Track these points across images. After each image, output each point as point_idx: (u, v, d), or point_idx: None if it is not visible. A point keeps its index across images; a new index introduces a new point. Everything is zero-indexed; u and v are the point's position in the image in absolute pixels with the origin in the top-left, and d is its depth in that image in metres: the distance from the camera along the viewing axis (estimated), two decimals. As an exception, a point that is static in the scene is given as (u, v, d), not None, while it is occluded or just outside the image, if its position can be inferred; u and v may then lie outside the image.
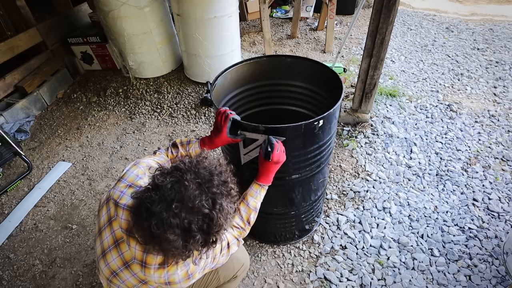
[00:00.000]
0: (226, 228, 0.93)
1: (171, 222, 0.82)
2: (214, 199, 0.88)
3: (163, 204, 0.84)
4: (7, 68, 3.08)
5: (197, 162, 0.93)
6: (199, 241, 0.87)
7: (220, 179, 0.92)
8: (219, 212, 0.88)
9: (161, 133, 2.91)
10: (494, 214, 2.07)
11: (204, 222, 0.86)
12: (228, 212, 0.91)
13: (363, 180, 2.34)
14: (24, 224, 2.23)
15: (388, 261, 1.86)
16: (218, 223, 0.88)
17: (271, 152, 1.19)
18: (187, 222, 0.84)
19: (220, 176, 0.93)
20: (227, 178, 0.95)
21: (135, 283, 1.04)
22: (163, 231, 0.83)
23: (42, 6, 4.05)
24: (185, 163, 0.92)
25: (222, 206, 0.89)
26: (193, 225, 0.84)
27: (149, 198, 0.86)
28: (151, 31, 3.21)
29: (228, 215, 0.92)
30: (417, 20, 4.91)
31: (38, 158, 2.77)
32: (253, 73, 1.72)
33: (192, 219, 0.84)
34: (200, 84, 3.40)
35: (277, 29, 4.68)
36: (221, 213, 0.88)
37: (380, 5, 2.10)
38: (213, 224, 0.87)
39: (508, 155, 2.47)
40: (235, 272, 1.37)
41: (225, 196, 0.92)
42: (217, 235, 0.91)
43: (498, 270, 1.78)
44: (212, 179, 0.90)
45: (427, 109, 2.98)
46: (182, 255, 0.89)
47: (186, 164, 0.92)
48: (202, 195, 0.86)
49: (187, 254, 0.89)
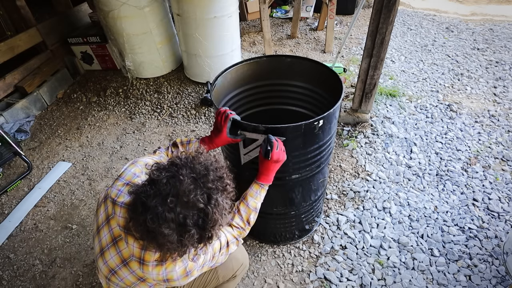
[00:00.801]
0: (222, 224, 0.93)
1: (166, 216, 0.83)
2: (210, 194, 0.88)
3: (158, 198, 0.84)
4: (7, 68, 3.08)
5: (193, 158, 0.94)
6: (194, 236, 0.87)
7: (216, 175, 0.92)
8: (214, 207, 0.88)
9: (161, 133, 2.91)
10: (494, 214, 2.07)
11: (199, 217, 0.87)
12: (223, 208, 0.91)
13: (363, 180, 2.34)
14: (24, 224, 2.23)
15: (388, 261, 1.86)
16: (213, 218, 0.88)
17: (271, 151, 1.19)
18: (182, 217, 0.84)
19: (216, 171, 0.93)
20: (223, 174, 0.95)
21: (134, 281, 1.05)
22: (158, 225, 0.83)
23: (42, 6, 4.05)
24: (181, 159, 0.93)
25: (217, 201, 0.89)
26: (188, 219, 0.84)
27: (145, 193, 0.86)
28: (151, 31, 3.21)
29: (223, 210, 0.92)
30: (417, 20, 4.91)
31: (38, 158, 2.77)
32: (253, 73, 1.72)
33: (187, 213, 0.85)
34: (200, 84, 3.40)
35: (277, 29, 4.68)
36: (216, 208, 0.88)
37: (380, 5, 2.10)
38: (208, 219, 0.87)
39: (508, 155, 2.47)
40: (234, 271, 1.37)
41: (221, 191, 0.92)
42: (213, 230, 0.91)
43: (498, 270, 1.78)
44: (208, 174, 0.90)
45: (427, 109, 2.98)
46: (177, 250, 0.89)
47: (182, 159, 0.93)
48: (197, 190, 0.86)
49: (182, 250, 0.89)
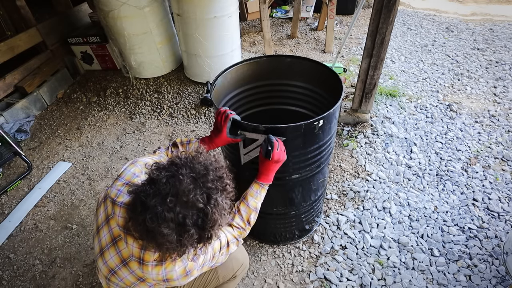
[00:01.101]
0: (222, 224, 0.93)
1: (165, 216, 0.83)
2: (209, 194, 0.88)
3: (158, 198, 0.84)
4: (7, 68, 3.08)
5: (192, 158, 0.93)
6: (194, 236, 0.87)
7: (216, 175, 0.92)
8: (214, 207, 0.88)
9: (161, 133, 2.91)
10: (494, 214, 2.07)
11: (198, 217, 0.87)
12: (223, 208, 0.91)
13: (363, 180, 2.34)
14: (24, 224, 2.23)
15: (388, 261, 1.86)
16: (213, 218, 0.88)
17: (272, 151, 1.19)
18: (182, 217, 0.84)
19: (216, 171, 0.93)
20: (223, 173, 0.95)
21: (134, 281, 1.04)
22: (157, 225, 0.83)
23: (42, 6, 4.05)
24: (181, 158, 0.93)
25: (217, 201, 0.89)
26: (187, 219, 0.84)
27: (144, 192, 0.86)
28: (151, 31, 3.21)
29: (223, 210, 0.91)
30: (417, 20, 4.91)
31: (38, 158, 2.77)
32: (253, 73, 1.72)
33: (187, 213, 0.85)
34: (200, 84, 3.40)
35: (277, 29, 4.68)
36: (215, 208, 0.88)
37: (380, 5, 2.10)
38: (208, 219, 0.87)
39: (508, 155, 2.47)
40: (234, 272, 1.37)
41: (220, 191, 0.92)
42: (212, 230, 0.90)
43: (498, 270, 1.78)
44: (207, 174, 0.90)
45: (427, 109, 2.98)
46: (176, 250, 0.89)
47: (182, 159, 0.92)
48: (196, 190, 0.86)
49: (182, 250, 0.89)
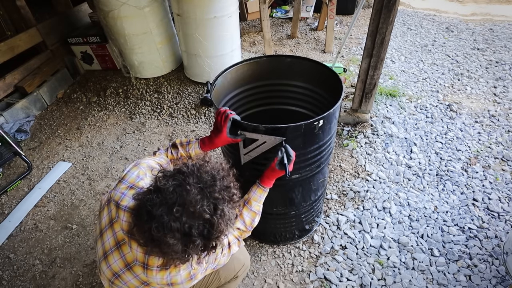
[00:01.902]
0: (227, 234, 0.92)
1: (171, 226, 0.82)
2: (216, 205, 0.87)
3: (164, 207, 0.83)
4: (7, 68, 3.07)
5: (199, 166, 0.92)
6: (199, 246, 0.86)
7: (223, 184, 0.91)
8: (220, 217, 0.87)
9: (161, 133, 2.91)
10: (494, 214, 2.07)
11: (204, 227, 0.86)
12: (229, 218, 0.90)
13: (363, 180, 2.34)
14: (24, 224, 2.23)
15: (388, 261, 1.86)
16: (219, 228, 0.87)
17: (288, 164, 1.16)
18: (188, 227, 0.83)
19: (223, 181, 0.92)
20: (230, 183, 0.94)
21: (138, 285, 1.04)
22: (163, 235, 0.82)
23: (42, 6, 4.05)
24: (188, 166, 0.91)
25: (223, 212, 0.88)
26: (193, 229, 0.83)
27: (151, 201, 0.85)
28: (151, 31, 3.21)
29: (229, 221, 0.90)
30: (417, 20, 4.91)
31: (38, 158, 2.77)
32: (253, 73, 1.72)
33: (193, 223, 0.84)
34: (200, 84, 3.40)
35: (277, 29, 4.68)
36: (222, 218, 0.87)
37: (380, 5, 2.10)
38: (214, 230, 0.86)
39: (508, 155, 2.47)
40: (236, 272, 1.37)
41: (227, 201, 0.91)
42: (217, 240, 0.90)
43: (498, 270, 1.78)
44: (215, 184, 0.89)
45: (427, 109, 2.98)
46: (181, 259, 0.88)
47: (189, 167, 0.91)
48: (203, 200, 0.85)
49: (186, 258, 0.89)
